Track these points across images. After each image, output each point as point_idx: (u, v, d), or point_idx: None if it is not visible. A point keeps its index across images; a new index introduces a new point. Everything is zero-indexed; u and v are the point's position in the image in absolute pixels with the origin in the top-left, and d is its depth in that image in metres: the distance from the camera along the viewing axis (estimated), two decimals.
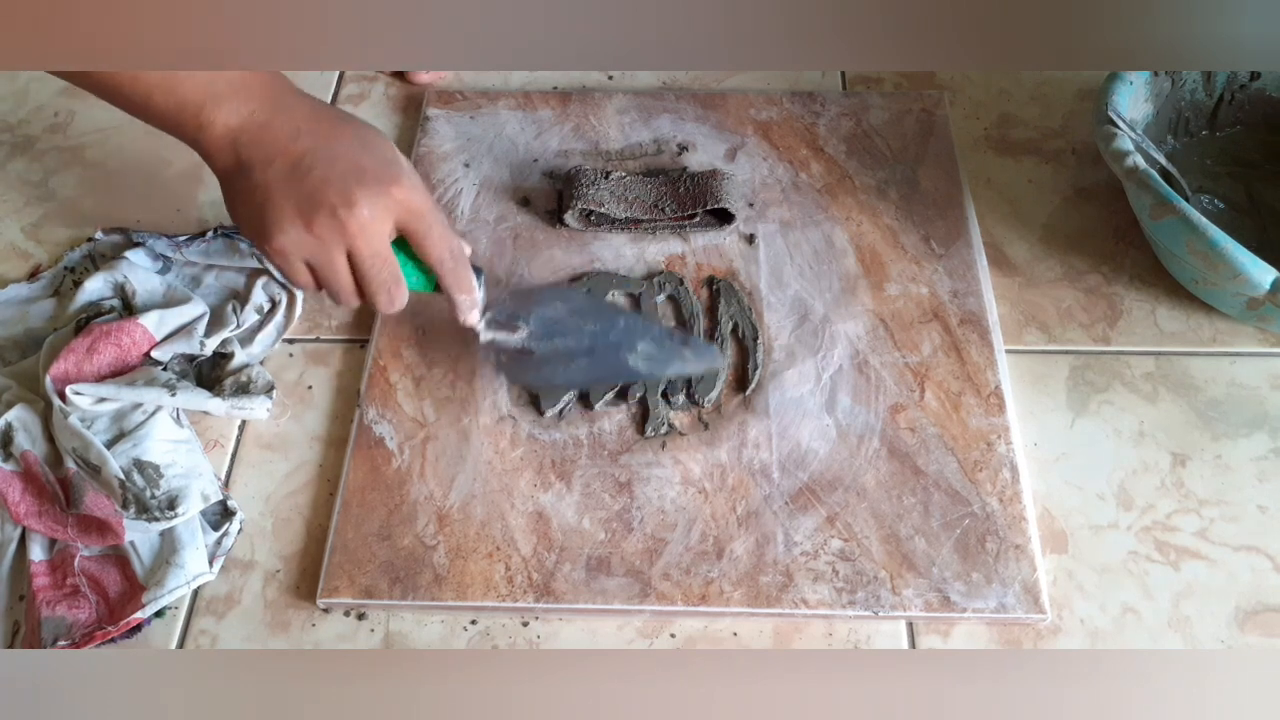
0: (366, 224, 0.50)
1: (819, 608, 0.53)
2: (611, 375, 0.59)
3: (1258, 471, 0.58)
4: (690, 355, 0.59)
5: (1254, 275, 0.55)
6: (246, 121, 0.50)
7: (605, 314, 0.61)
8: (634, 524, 0.56)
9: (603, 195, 0.66)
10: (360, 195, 0.49)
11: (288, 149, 0.50)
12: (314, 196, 0.49)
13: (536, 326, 0.59)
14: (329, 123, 0.51)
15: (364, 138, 0.52)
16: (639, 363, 0.59)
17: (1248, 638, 0.53)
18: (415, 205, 0.51)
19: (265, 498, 0.59)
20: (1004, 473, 0.57)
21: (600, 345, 0.59)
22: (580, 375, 0.59)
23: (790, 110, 0.74)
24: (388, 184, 0.50)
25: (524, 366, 0.59)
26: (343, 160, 0.50)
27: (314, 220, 0.49)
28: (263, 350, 0.64)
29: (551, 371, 0.59)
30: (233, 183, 0.51)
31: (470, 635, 0.54)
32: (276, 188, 0.49)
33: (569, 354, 0.59)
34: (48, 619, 0.53)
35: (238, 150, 0.50)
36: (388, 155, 0.52)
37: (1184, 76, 0.67)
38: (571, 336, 0.59)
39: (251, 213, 0.50)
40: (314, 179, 0.49)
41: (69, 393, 0.57)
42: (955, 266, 0.66)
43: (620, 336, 0.59)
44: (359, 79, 0.79)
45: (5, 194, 0.73)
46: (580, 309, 0.60)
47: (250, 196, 0.50)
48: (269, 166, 0.49)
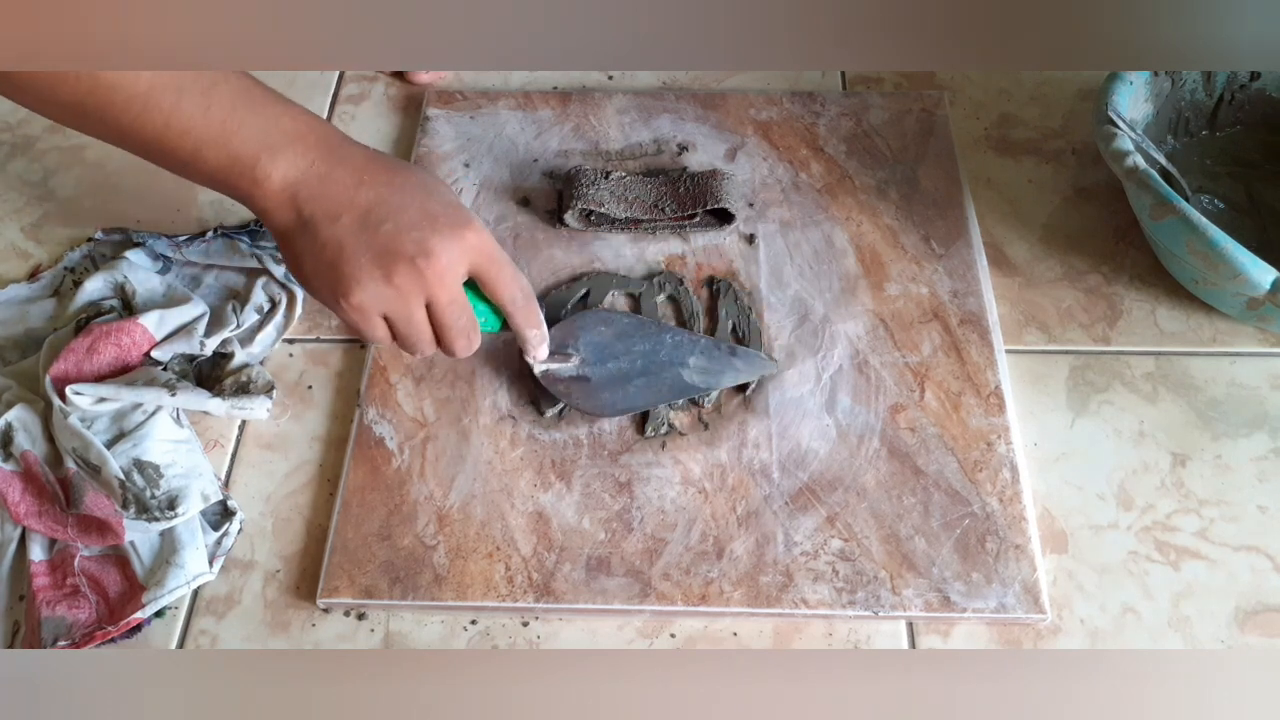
0: (444, 272, 0.49)
1: (819, 608, 0.53)
2: (670, 394, 0.59)
3: (1258, 471, 0.58)
4: (741, 364, 0.60)
5: (1254, 275, 0.55)
6: (306, 174, 0.48)
7: (651, 332, 0.61)
8: (634, 524, 0.56)
9: (603, 195, 0.66)
10: (436, 244, 0.49)
11: (353, 201, 0.48)
12: (390, 249, 0.48)
13: (587, 353, 0.60)
14: (388, 170, 0.50)
15: (425, 183, 0.51)
16: (694, 377, 0.59)
17: (1248, 638, 0.53)
18: (487, 249, 0.51)
19: (265, 498, 0.59)
20: (1004, 473, 0.57)
21: (653, 364, 0.60)
22: (639, 397, 0.59)
23: (790, 110, 0.74)
24: (461, 229, 0.50)
25: (584, 393, 0.59)
26: (411, 209, 0.49)
27: (394, 273, 0.48)
28: (263, 350, 0.64)
29: (612, 395, 0.59)
30: (296, 240, 0.49)
31: (470, 635, 0.54)
32: (348, 243, 0.48)
33: (625, 376, 0.59)
34: (48, 619, 0.53)
35: (298, 205, 0.49)
36: (451, 200, 0.51)
37: (1184, 76, 0.67)
38: (624, 359, 0.60)
39: (322, 269, 0.49)
40: (387, 230, 0.48)
41: (69, 393, 0.57)
42: (955, 266, 0.66)
43: (670, 354, 0.60)
44: (359, 79, 0.79)
45: (5, 194, 0.73)
46: (625, 330, 0.61)
47: (320, 253, 0.49)
48: (336, 222, 0.48)
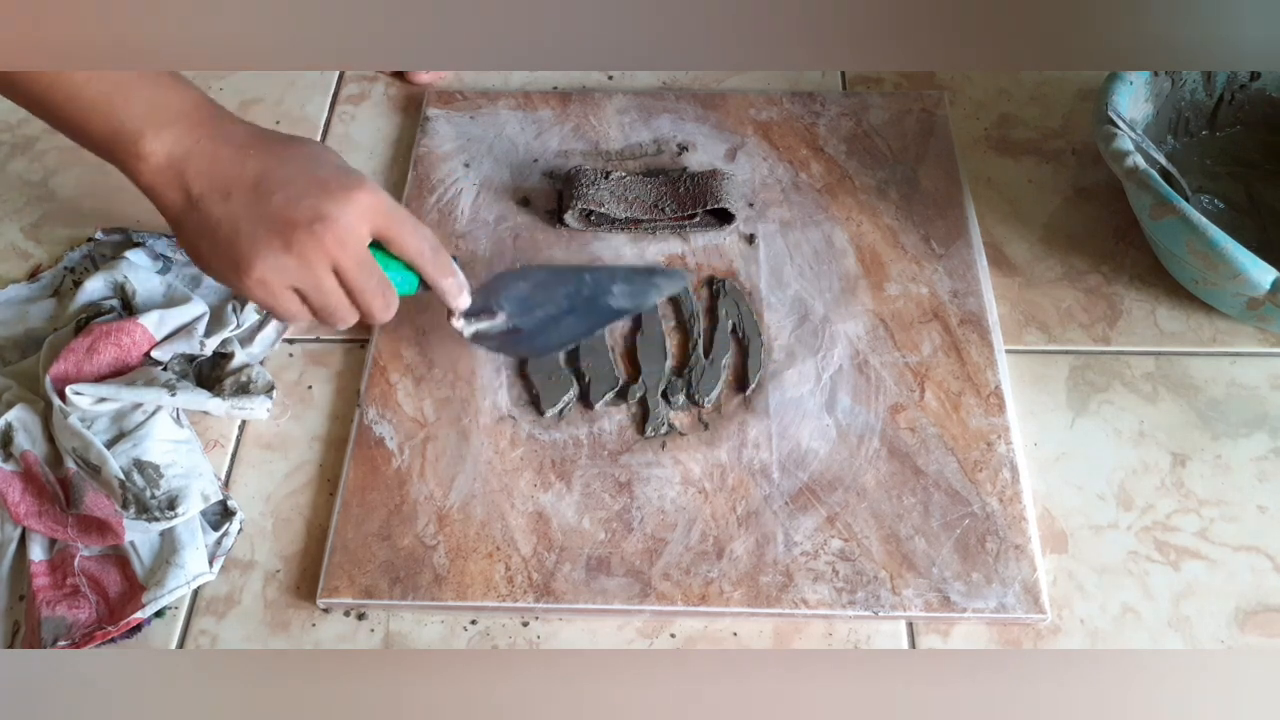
0: (344, 234, 0.48)
1: (819, 608, 0.53)
2: (600, 321, 0.61)
3: (1258, 471, 0.58)
4: (662, 281, 0.61)
5: (1254, 275, 0.55)
6: (191, 150, 0.47)
7: (568, 275, 0.62)
8: (634, 524, 0.56)
9: (603, 195, 0.66)
10: (331, 208, 0.48)
11: (242, 176, 0.47)
12: (285, 218, 0.47)
13: (512, 307, 0.60)
14: (275, 143, 0.50)
15: (312, 152, 0.50)
16: (620, 301, 0.60)
17: (1248, 638, 0.53)
18: (384, 207, 0.50)
19: (265, 498, 0.59)
20: (1004, 473, 0.57)
21: (578, 301, 0.60)
22: (573, 330, 0.60)
23: (790, 110, 0.74)
24: (352, 190, 0.49)
25: (516, 343, 0.60)
26: (300, 178, 0.48)
27: (292, 241, 0.47)
28: (263, 350, 0.64)
29: (546, 337, 0.60)
30: (186, 219, 0.48)
31: (470, 635, 0.54)
32: (242, 217, 0.47)
33: (554, 318, 0.60)
34: (48, 619, 0.53)
35: (185, 182, 0.47)
36: (340, 164, 0.51)
37: (1184, 76, 0.67)
38: (549, 305, 0.60)
39: (219, 249, 0.48)
40: (278, 201, 0.47)
41: (69, 393, 0.57)
42: (955, 266, 0.66)
43: (592, 288, 0.61)
44: (359, 79, 0.79)
45: (5, 194, 0.73)
46: (544, 281, 0.61)
47: (214, 232, 0.48)
48: (227, 198, 0.47)
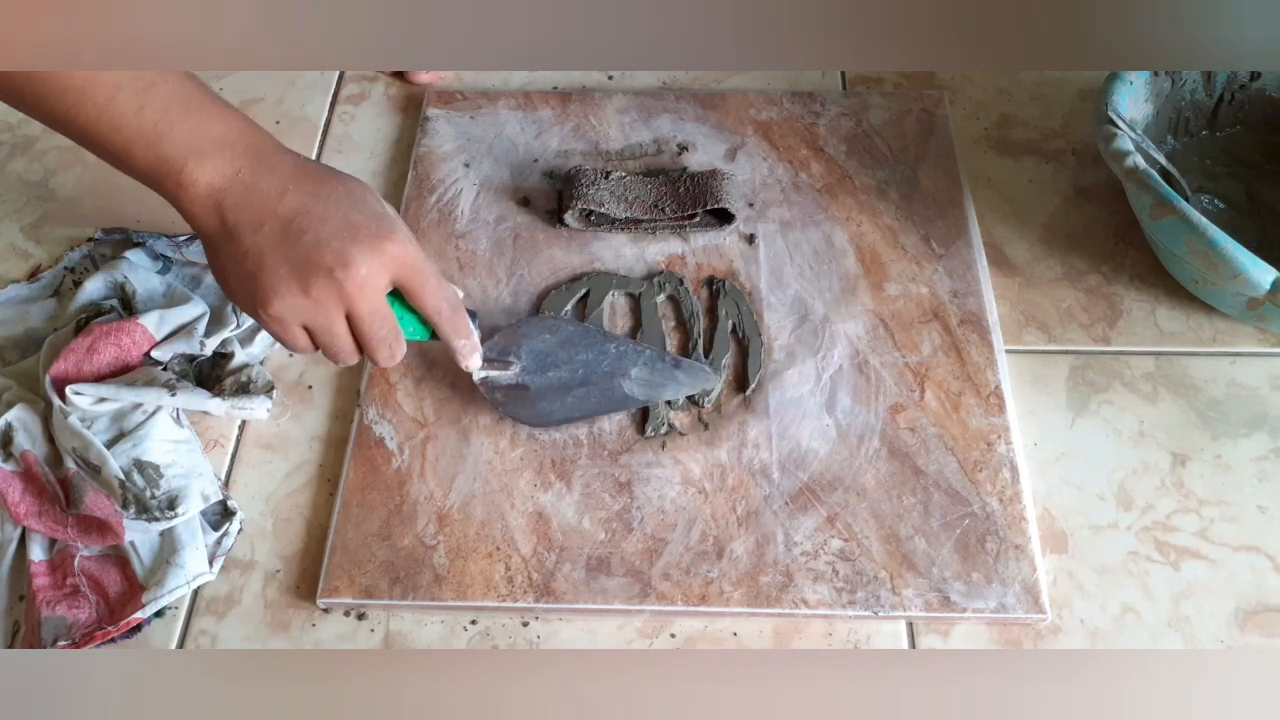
0: (364, 283, 0.48)
1: (819, 608, 0.53)
2: (609, 405, 0.59)
3: (1258, 471, 0.58)
4: (684, 377, 0.59)
5: (1254, 275, 0.55)
6: (231, 181, 0.48)
7: (595, 341, 0.60)
8: (634, 524, 0.56)
9: (603, 195, 0.66)
10: (356, 255, 0.48)
11: (276, 210, 0.48)
12: (309, 260, 0.48)
13: (529, 361, 0.59)
14: (316, 180, 0.50)
15: (352, 192, 0.50)
16: (634, 389, 0.59)
17: (1248, 638, 0.53)
18: (410, 259, 0.50)
19: (265, 498, 0.59)
20: (1004, 473, 0.57)
21: (594, 375, 0.59)
22: (577, 408, 0.59)
23: (790, 110, 0.74)
24: (382, 240, 0.49)
25: (521, 402, 0.59)
26: (334, 219, 0.48)
27: (311, 285, 0.48)
28: (263, 350, 0.64)
29: (549, 406, 0.58)
30: (220, 248, 0.49)
31: (470, 635, 0.54)
32: (269, 252, 0.48)
33: (564, 386, 0.59)
34: (48, 619, 0.53)
35: (223, 212, 0.48)
36: (377, 210, 0.50)
37: (1184, 76, 0.67)
38: (565, 368, 0.59)
39: (243, 280, 0.49)
40: (307, 241, 0.48)
41: (69, 393, 0.57)
42: (955, 266, 0.66)
43: (613, 364, 0.59)
44: (359, 79, 0.79)
45: (5, 194, 0.73)
46: (569, 339, 0.60)
47: (241, 263, 0.48)
48: (258, 231, 0.48)
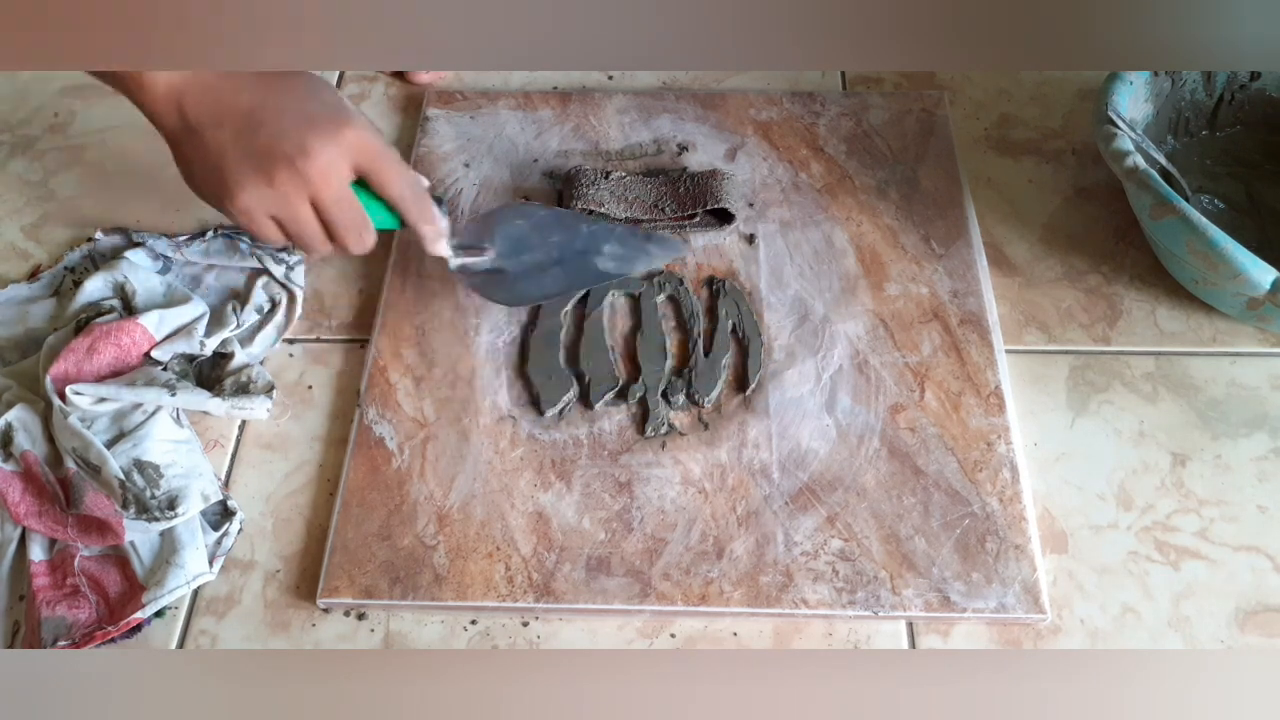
0: (325, 170, 0.50)
1: (819, 608, 0.53)
2: (583, 280, 0.60)
3: (1258, 471, 0.58)
4: (655, 249, 0.61)
5: (1254, 275, 0.55)
6: (189, 80, 0.50)
7: (568, 224, 0.62)
8: (634, 524, 0.56)
9: (603, 195, 0.66)
10: (315, 143, 0.50)
11: (235, 105, 0.50)
12: (270, 151, 0.49)
13: (502, 245, 0.60)
14: (272, 76, 0.51)
15: (309, 85, 0.52)
16: (607, 264, 0.60)
17: (1248, 638, 0.53)
18: (369, 145, 0.52)
19: (265, 498, 0.59)
20: (1004, 473, 0.57)
21: (568, 254, 0.61)
22: (554, 284, 0.60)
23: (790, 110, 0.74)
24: (340, 127, 0.51)
25: (498, 285, 0.60)
26: (292, 111, 0.50)
27: (274, 174, 0.50)
28: (263, 350, 0.64)
29: (526, 286, 0.60)
30: (183, 145, 0.51)
31: (470, 635, 0.54)
32: (230, 146, 0.49)
33: (539, 266, 0.60)
34: (48, 619, 0.53)
35: (183, 110, 0.50)
36: (334, 100, 0.52)
37: (1184, 76, 0.67)
38: (539, 250, 0.60)
39: (208, 173, 0.51)
40: (266, 133, 0.49)
41: (69, 393, 0.57)
42: (955, 266, 0.66)
43: (586, 243, 0.61)
44: (359, 79, 0.79)
45: (5, 194, 0.73)
46: (543, 223, 0.61)
47: (204, 158, 0.50)
48: (219, 127, 0.50)
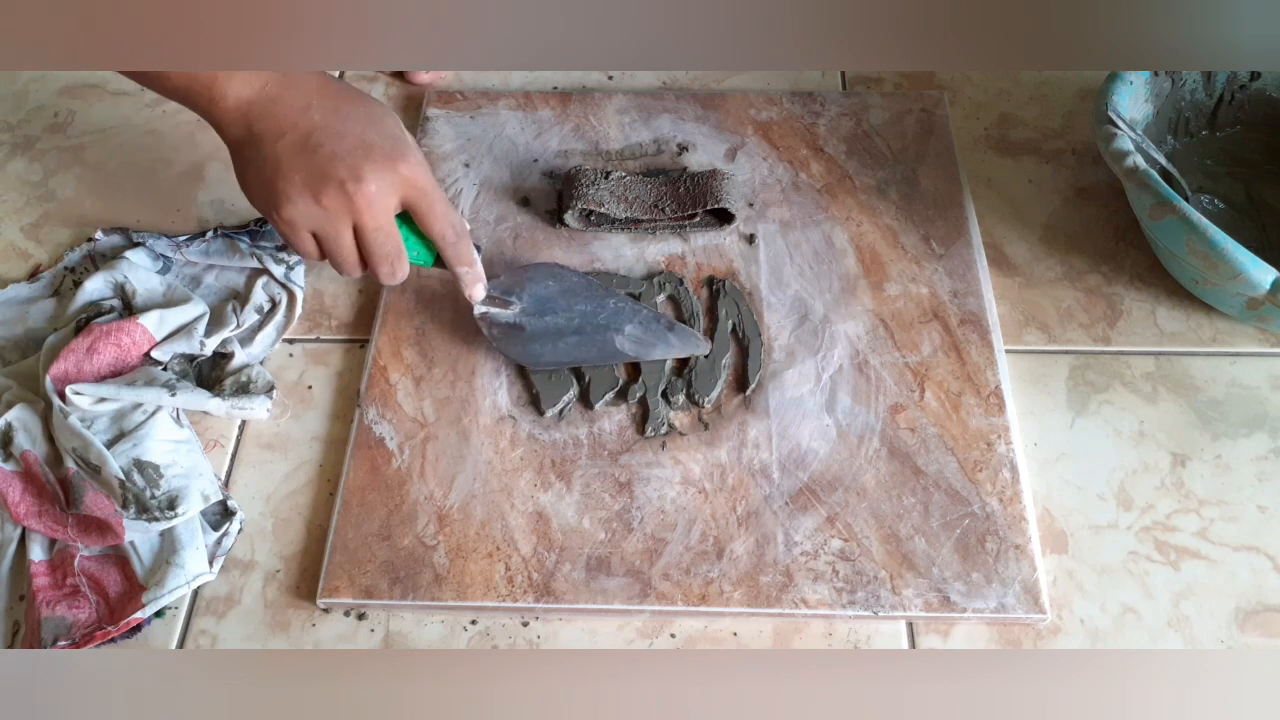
0: (373, 198, 0.52)
1: (819, 608, 0.53)
2: (598, 356, 0.60)
3: (1258, 471, 0.58)
4: (675, 340, 0.61)
5: (1254, 275, 0.55)
6: (259, 94, 0.52)
7: (596, 295, 0.62)
8: (634, 524, 0.56)
9: (603, 195, 0.66)
10: (368, 171, 0.51)
11: (298, 123, 0.51)
12: (324, 170, 0.51)
13: (529, 303, 0.61)
14: (339, 98, 0.53)
15: (373, 114, 0.54)
16: (625, 344, 0.60)
17: (1248, 638, 0.53)
18: (420, 182, 0.53)
19: (265, 498, 0.59)
20: (1004, 473, 0.57)
21: (589, 325, 0.61)
22: (568, 353, 0.60)
23: (790, 110, 0.74)
24: (395, 160, 0.52)
25: (514, 340, 0.60)
26: (351, 136, 0.52)
27: (323, 193, 0.51)
28: (263, 350, 0.64)
29: (541, 348, 0.60)
30: (243, 153, 0.53)
31: (470, 635, 0.54)
32: (287, 160, 0.51)
33: (558, 331, 0.61)
34: (48, 619, 0.53)
35: (250, 122, 0.52)
36: (394, 133, 0.54)
37: (1184, 76, 0.67)
38: (562, 315, 0.61)
39: (262, 183, 0.52)
40: (324, 153, 0.51)
41: (69, 393, 0.57)
42: (955, 266, 0.66)
43: (609, 318, 0.61)
44: (359, 79, 0.79)
45: (5, 194, 0.73)
46: (572, 288, 0.62)
47: (261, 168, 0.52)
48: (280, 139, 0.51)
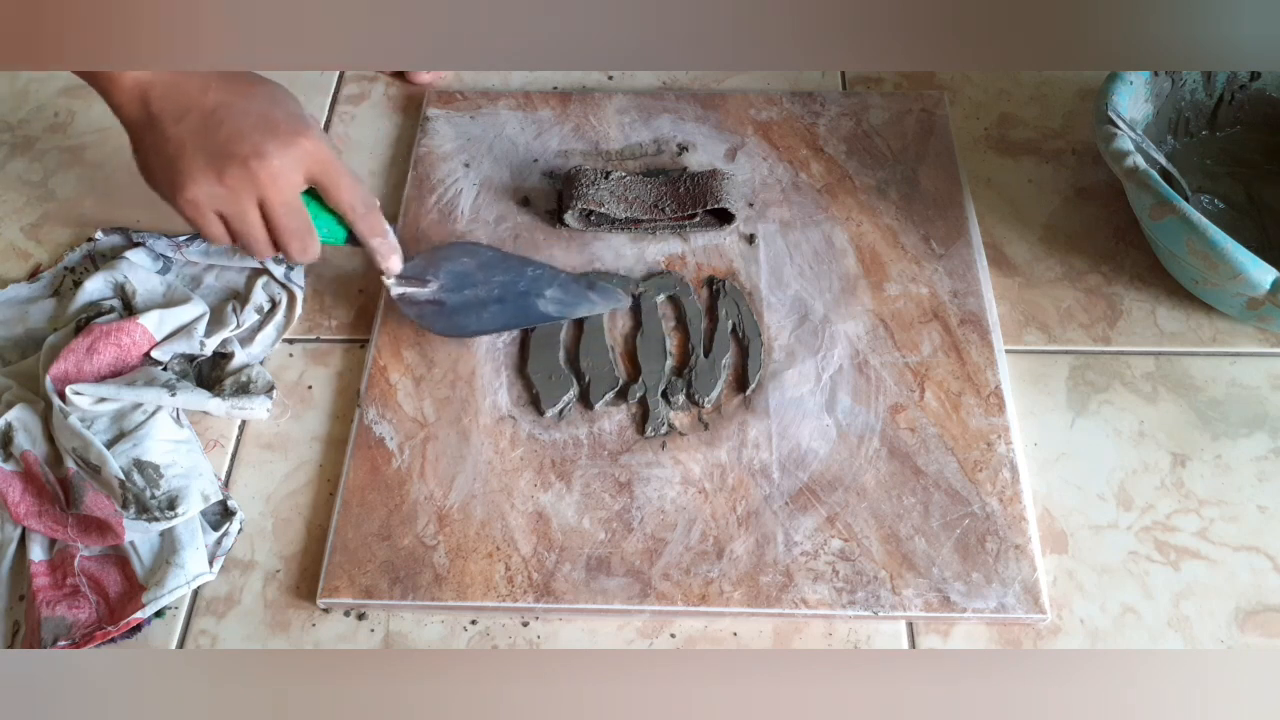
0: (277, 174, 0.51)
1: (819, 608, 0.53)
2: (522, 319, 0.61)
3: (1258, 471, 0.58)
4: (597, 298, 0.62)
5: (1254, 275, 0.55)
6: (157, 76, 0.51)
7: (514, 266, 0.63)
8: (634, 524, 0.56)
9: (603, 195, 0.66)
10: (270, 147, 0.51)
11: (199, 102, 0.51)
12: (225, 148, 0.50)
13: (446, 279, 0.61)
14: (238, 79, 0.52)
15: (273, 94, 0.53)
16: (549, 306, 0.61)
17: (1248, 638, 0.53)
18: (324, 156, 0.53)
19: (265, 498, 0.59)
20: (1004, 473, 0.57)
21: (510, 293, 0.61)
22: (492, 320, 0.61)
23: (790, 110, 0.74)
24: (297, 135, 0.52)
25: (436, 316, 0.61)
26: (253, 114, 0.51)
27: (225, 172, 0.51)
28: (263, 350, 0.64)
29: (464, 319, 0.60)
30: (142, 136, 0.52)
31: (470, 635, 0.54)
32: (188, 141, 0.50)
33: (480, 303, 0.61)
34: (48, 619, 0.53)
35: (148, 103, 0.51)
36: (295, 110, 0.53)
37: (1184, 76, 0.67)
38: (481, 287, 0.61)
39: (162, 165, 0.51)
40: (225, 131, 0.50)
41: (69, 393, 0.57)
42: (955, 266, 0.66)
43: (529, 285, 0.62)
44: (359, 79, 0.79)
45: (5, 194, 0.73)
46: (488, 262, 0.62)
47: (161, 149, 0.51)
48: (180, 120, 0.50)
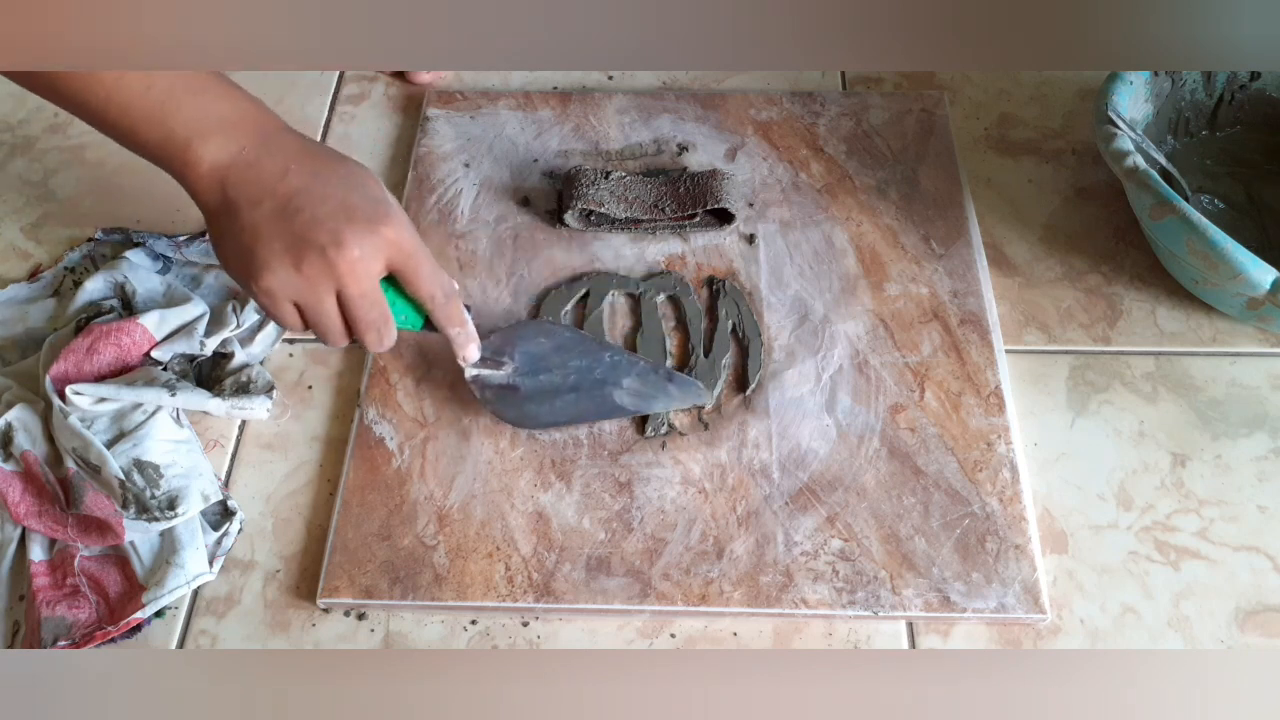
0: (356, 264, 0.49)
1: (819, 608, 0.53)
2: (597, 412, 0.59)
3: (1258, 471, 0.58)
4: (675, 391, 0.59)
5: (1254, 275, 0.55)
6: (235, 159, 0.49)
7: (590, 349, 0.60)
8: (634, 524, 0.56)
9: (603, 195, 0.66)
10: (349, 235, 0.48)
11: (276, 189, 0.49)
12: (303, 237, 0.48)
13: (521, 362, 0.59)
14: (318, 161, 0.50)
15: (353, 176, 0.51)
16: (625, 399, 0.59)
17: (1248, 638, 0.53)
18: (405, 244, 0.50)
19: (265, 498, 0.59)
20: (1004, 473, 0.57)
21: (586, 381, 0.59)
22: (566, 412, 0.58)
23: (790, 110, 0.74)
24: (377, 223, 0.49)
25: (510, 402, 0.58)
26: (332, 200, 0.49)
27: (303, 261, 0.48)
28: (263, 350, 0.64)
29: (538, 408, 0.58)
30: (219, 222, 0.50)
31: (470, 635, 0.54)
32: (265, 228, 0.48)
33: (554, 390, 0.59)
34: (48, 619, 0.53)
35: (225, 189, 0.49)
36: (376, 194, 0.51)
37: (1184, 76, 0.67)
38: (557, 372, 0.59)
39: (239, 253, 0.49)
40: (303, 219, 0.48)
41: (69, 393, 0.57)
42: (955, 266, 0.66)
43: (606, 373, 0.59)
44: (359, 79, 0.79)
45: (5, 194, 0.73)
46: (564, 345, 0.60)
47: (238, 237, 0.49)
48: (257, 206, 0.49)
